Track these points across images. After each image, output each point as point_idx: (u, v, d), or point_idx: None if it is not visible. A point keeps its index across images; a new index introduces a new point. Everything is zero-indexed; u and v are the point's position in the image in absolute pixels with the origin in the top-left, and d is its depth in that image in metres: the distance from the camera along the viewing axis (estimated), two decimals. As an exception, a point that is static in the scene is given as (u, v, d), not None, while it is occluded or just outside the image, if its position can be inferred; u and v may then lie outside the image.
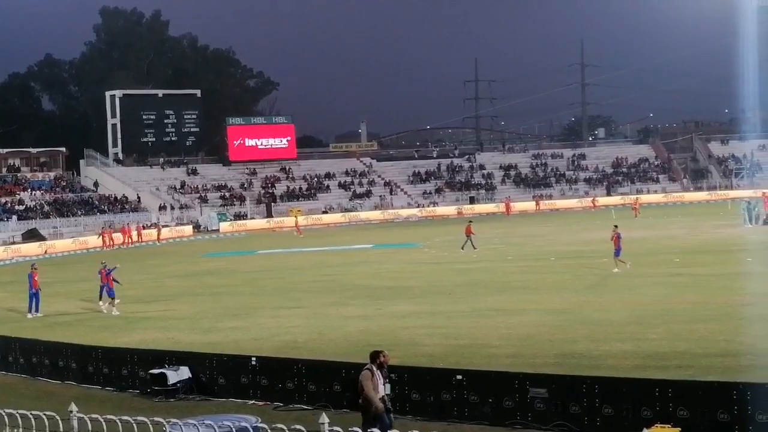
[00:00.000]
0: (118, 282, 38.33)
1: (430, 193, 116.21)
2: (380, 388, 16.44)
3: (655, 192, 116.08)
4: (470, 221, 62.30)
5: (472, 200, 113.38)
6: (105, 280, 38.14)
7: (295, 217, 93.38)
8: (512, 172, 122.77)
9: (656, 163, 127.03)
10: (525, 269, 45.61)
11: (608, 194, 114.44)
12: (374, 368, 16.47)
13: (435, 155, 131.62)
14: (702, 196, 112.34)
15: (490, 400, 18.63)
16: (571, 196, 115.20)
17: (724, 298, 32.02)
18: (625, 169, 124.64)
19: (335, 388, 20.53)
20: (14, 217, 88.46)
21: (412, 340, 27.24)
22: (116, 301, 37.55)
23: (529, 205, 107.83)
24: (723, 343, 24.24)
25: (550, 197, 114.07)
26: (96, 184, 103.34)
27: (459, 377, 19.18)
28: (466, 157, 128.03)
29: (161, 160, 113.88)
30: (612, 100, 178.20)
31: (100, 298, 38.85)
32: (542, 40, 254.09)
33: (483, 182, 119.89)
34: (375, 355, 16.75)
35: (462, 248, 57.34)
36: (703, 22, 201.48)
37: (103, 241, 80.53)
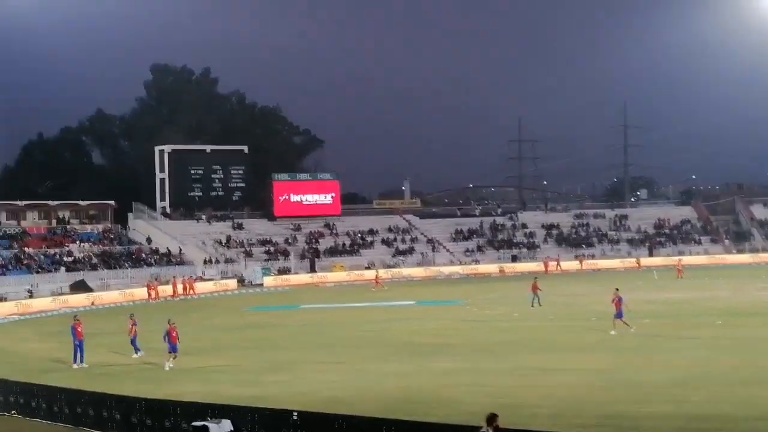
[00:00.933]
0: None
1: (473, 250, 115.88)
2: None
3: (698, 254, 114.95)
4: (536, 278, 61.95)
5: (514, 258, 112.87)
6: (132, 333, 38.49)
7: (376, 270, 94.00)
8: (554, 232, 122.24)
9: (699, 224, 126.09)
10: (567, 329, 45.27)
11: (650, 255, 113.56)
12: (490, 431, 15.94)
13: (477, 213, 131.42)
14: (744, 258, 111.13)
15: (532, 460, 18.41)
16: (612, 256, 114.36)
17: (766, 361, 31.55)
18: (667, 230, 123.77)
19: (377, 445, 20.38)
20: (63, 268, 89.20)
21: (454, 398, 27.04)
22: (175, 356, 37.06)
23: (572, 265, 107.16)
24: (765, 407, 23.86)
25: (593, 257, 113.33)
26: (149, 240, 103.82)
27: (500, 436, 18.95)
28: (509, 215, 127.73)
29: (207, 214, 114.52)
30: (654, 161, 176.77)
31: (135, 350, 39.09)
32: (586, 100, 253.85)
33: (525, 241, 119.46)
34: (492, 418, 16.17)
35: (531, 305, 57.02)
36: (747, 86, 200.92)
37: (149, 294, 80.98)
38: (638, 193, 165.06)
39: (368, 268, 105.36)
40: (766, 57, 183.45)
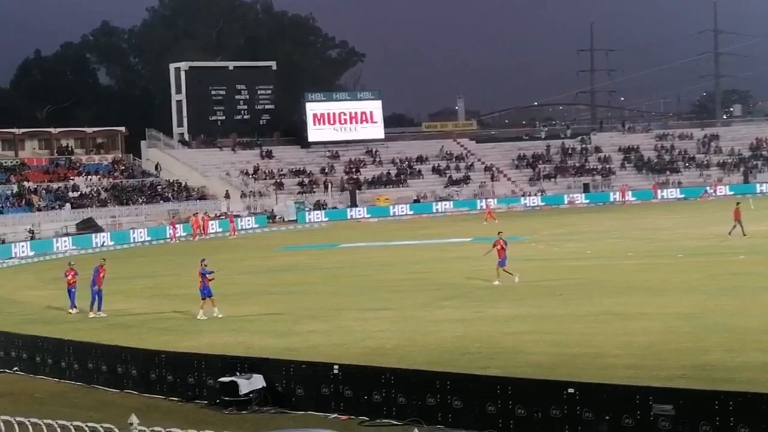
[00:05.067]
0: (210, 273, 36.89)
1: (538, 179, 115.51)
2: None
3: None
4: (738, 203, 60.29)
5: (585, 188, 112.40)
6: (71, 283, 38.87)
7: (487, 204, 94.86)
8: (633, 156, 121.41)
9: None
10: (648, 267, 45.11)
11: (746, 181, 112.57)
12: None
13: (543, 136, 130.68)
14: None
15: (607, 418, 18.51)
16: (701, 183, 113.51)
17: None
18: (765, 152, 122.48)
19: (428, 402, 20.57)
20: (68, 205, 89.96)
21: (516, 348, 27.15)
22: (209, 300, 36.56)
23: (651, 193, 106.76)
24: None
25: (679, 184, 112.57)
26: (158, 168, 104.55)
27: (571, 391, 19.08)
28: (580, 138, 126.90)
29: (231, 141, 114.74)
30: (750, 72, 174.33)
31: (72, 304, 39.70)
32: (669, 2, 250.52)
33: (599, 167, 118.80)
34: None
35: (729, 233, 55.67)
36: None
37: (173, 234, 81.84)
38: (731, 109, 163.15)
39: (417, 201, 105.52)
40: None
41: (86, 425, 13.74)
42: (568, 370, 23.63)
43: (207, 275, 36.30)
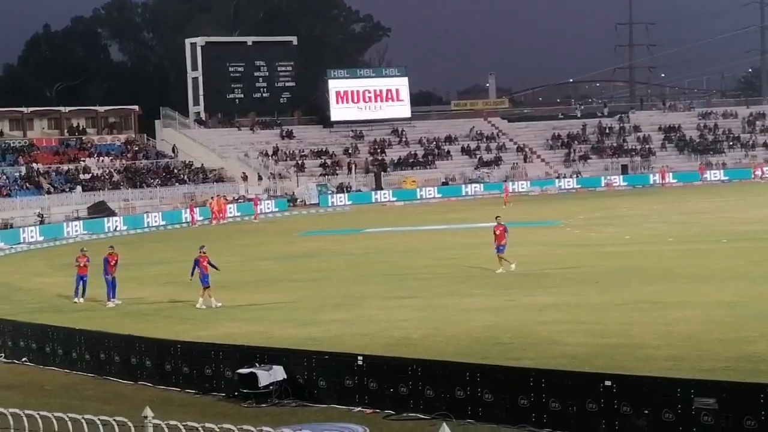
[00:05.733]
0: (215, 267, 37.54)
1: (573, 160, 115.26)
2: None
3: None
4: None
5: (624, 169, 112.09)
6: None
7: (505, 186, 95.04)
8: (674, 135, 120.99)
9: None
10: (689, 253, 45.05)
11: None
12: None
13: (579, 114, 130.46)
14: None
15: (646, 412, 18.49)
16: (747, 164, 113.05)
17: None
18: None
19: (458, 394, 20.59)
20: (78, 187, 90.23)
21: (550, 338, 27.14)
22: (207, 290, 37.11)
23: (695, 175, 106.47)
24: None
25: (723, 165, 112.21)
26: (175, 150, 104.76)
27: (608, 383, 19.06)
28: (618, 116, 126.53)
29: (250, 121, 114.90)
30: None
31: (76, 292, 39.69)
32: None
33: (638, 147, 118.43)
34: None
35: None
36: None
37: (192, 217, 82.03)
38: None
39: (445, 183, 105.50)
40: None
41: (98, 418, 13.79)
42: (605, 361, 23.64)
43: (209, 263, 36.62)
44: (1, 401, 18.32)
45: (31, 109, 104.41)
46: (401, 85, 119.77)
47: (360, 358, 22.44)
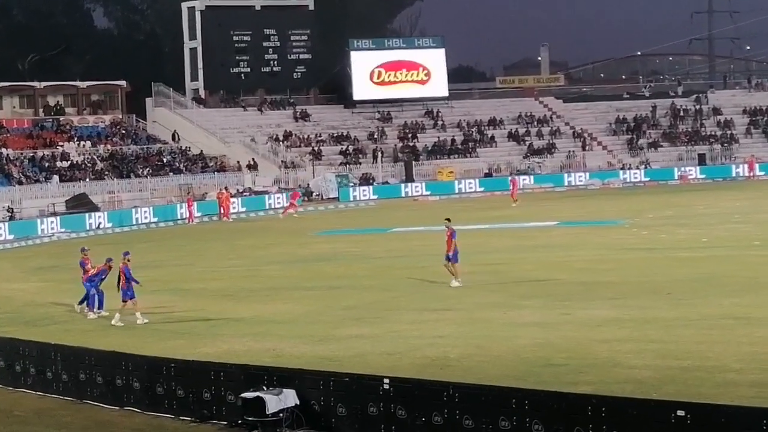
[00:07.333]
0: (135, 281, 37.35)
1: (641, 148, 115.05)
2: None
3: None
4: None
5: (701, 158, 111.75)
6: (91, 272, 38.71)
7: (512, 179, 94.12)
8: (762, 120, 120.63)
9: None
10: (779, 260, 44.97)
11: None
12: None
13: (648, 94, 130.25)
14: None
15: (726, 447, 18.46)
16: None
17: None
18: None
19: (502, 425, 20.57)
20: (55, 177, 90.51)
21: (612, 360, 27.15)
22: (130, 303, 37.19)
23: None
24: None
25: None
26: (175, 137, 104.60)
27: (680, 413, 19.02)
28: (694, 96, 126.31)
29: (258, 99, 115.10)
30: None
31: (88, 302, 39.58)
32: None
33: (718, 132, 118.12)
34: None
35: None
36: None
37: (190, 213, 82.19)
38: None
39: (488, 174, 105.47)
40: None
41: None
42: (677, 387, 23.68)
43: (129, 276, 36.60)
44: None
45: (0, 84, 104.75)
46: (437, 58, 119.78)
47: (386, 380, 22.45)
